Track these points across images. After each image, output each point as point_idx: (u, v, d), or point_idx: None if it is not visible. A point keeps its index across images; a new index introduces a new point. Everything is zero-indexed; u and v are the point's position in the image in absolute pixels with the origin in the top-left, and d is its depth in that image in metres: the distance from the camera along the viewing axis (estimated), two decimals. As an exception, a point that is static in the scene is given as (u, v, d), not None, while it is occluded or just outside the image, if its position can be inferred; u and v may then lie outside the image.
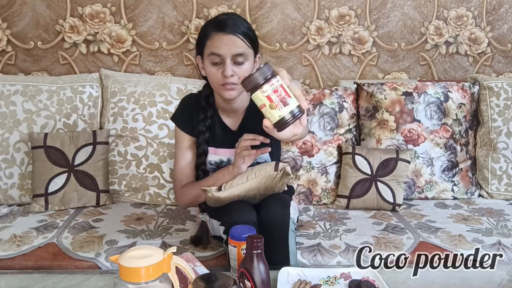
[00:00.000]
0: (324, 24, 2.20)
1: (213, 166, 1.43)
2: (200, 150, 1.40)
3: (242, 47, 1.26)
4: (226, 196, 1.31)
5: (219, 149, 1.41)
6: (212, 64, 1.27)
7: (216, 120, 1.41)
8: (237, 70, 1.26)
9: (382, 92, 1.97)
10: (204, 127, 1.38)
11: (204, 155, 1.40)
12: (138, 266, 0.78)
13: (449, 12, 2.25)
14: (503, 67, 2.34)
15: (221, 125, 1.42)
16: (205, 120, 1.38)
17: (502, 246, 1.52)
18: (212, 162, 1.42)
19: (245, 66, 1.27)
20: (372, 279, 1.09)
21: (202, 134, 1.39)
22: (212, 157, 1.42)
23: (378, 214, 1.78)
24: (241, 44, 1.25)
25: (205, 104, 1.39)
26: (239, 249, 1.08)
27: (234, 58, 1.25)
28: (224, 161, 1.42)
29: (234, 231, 1.11)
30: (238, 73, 1.25)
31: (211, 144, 1.41)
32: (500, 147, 1.99)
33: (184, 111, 1.44)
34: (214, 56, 1.25)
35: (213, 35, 1.26)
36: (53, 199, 1.73)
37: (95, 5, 2.10)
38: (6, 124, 1.83)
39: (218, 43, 1.24)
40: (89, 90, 1.94)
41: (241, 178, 1.31)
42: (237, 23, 1.26)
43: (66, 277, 1.13)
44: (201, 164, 1.41)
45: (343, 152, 1.90)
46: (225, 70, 1.24)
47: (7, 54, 2.12)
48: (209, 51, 1.26)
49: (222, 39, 1.24)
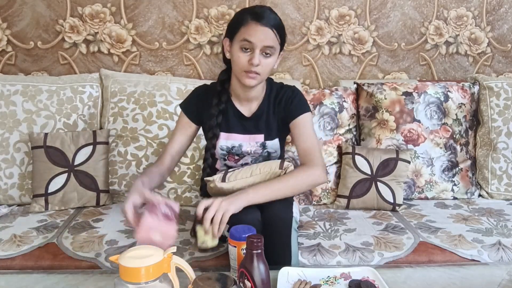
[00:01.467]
0: (324, 24, 2.20)
1: (224, 151, 1.44)
2: (211, 134, 1.42)
3: (273, 41, 1.30)
4: (229, 188, 1.33)
5: (232, 134, 1.43)
6: (242, 50, 1.30)
7: (230, 106, 1.43)
8: (263, 61, 1.30)
9: (382, 92, 1.97)
10: (217, 111, 1.41)
11: (215, 138, 1.42)
12: (138, 266, 0.78)
13: (449, 12, 2.25)
14: (503, 67, 2.34)
15: (234, 111, 1.44)
16: (219, 104, 1.41)
17: (502, 246, 1.52)
18: (224, 147, 1.43)
19: (270, 59, 1.32)
20: (372, 279, 1.09)
21: (214, 117, 1.40)
22: (224, 142, 1.43)
23: (378, 214, 1.78)
24: (273, 38, 1.30)
25: (220, 88, 1.42)
26: (239, 249, 1.08)
27: (264, 49, 1.29)
28: (236, 146, 1.43)
29: (234, 231, 1.11)
30: (263, 64, 1.30)
31: (224, 130, 1.43)
32: (500, 147, 1.99)
33: (193, 98, 1.47)
34: (246, 42, 1.29)
35: (249, 22, 1.29)
36: (53, 199, 1.73)
37: (95, 5, 2.10)
38: (6, 124, 1.83)
39: (253, 31, 1.28)
40: (89, 90, 1.94)
41: (246, 172, 1.34)
42: (272, 17, 1.31)
43: (66, 277, 1.13)
44: (210, 148, 1.43)
45: (343, 152, 1.90)
46: (253, 58, 1.28)
47: (7, 54, 2.12)
48: (242, 37, 1.29)
49: (258, 29, 1.28)
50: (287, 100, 1.42)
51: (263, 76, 1.33)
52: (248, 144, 1.43)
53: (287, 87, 1.46)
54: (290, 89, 1.45)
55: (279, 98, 1.43)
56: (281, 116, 1.43)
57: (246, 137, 1.43)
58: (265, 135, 1.43)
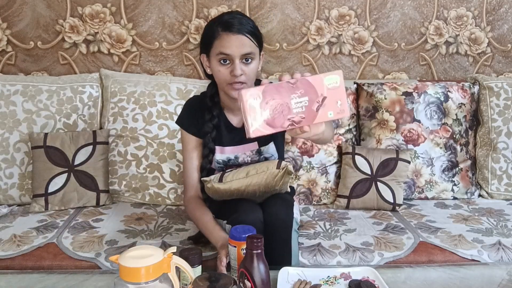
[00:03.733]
0: (324, 24, 2.20)
1: (221, 165, 1.43)
2: (207, 150, 1.40)
3: (250, 47, 1.27)
4: (226, 189, 1.32)
5: (226, 147, 1.42)
6: (220, 64, 1.28)
7: (222, 119, 1.42)
8: (246, 69, 1.27)
9: (382, 92, 1.97)
10: (211, 126, 1.39)
11: (211, 154, 1.40)
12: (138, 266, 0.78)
13: (449, 12, 2.25)
14: (503, 67, 2.34)
15: (226, 123, 1.42)
16: (211, 119, 1.39)
17: (502, 246, 1.52)
18: (220, 161, 1.43)
19: (252, 65, 1.29)
20: (372, 279, 1.09)
21: (208, 133, 1.39)
22: (219, 156, 1.42)
23: (378, 214, 1.78)
24: (249, 44, 1.27)
25: (210, 104, 1.40)
26: (239, 249, 1.08)
27: (243, 57, 1.26)
28: (232, 159, 1.43)
29: (234, 231, 1.11)
30: (246, 72, 1.27)
31: (218, 143, 1.41)
32: (500, 147, 1.99)
33: (188, 113, 1.44)
34: (222, 55, 1.26)
35: (221, 34, 1.26)
36: (53, 199, 1.73)
37: (95, 5, 2.10)
38: (6, 124, 1.83)
39: (227, 43, 1.25)
40: (89, 90, 1.94)
41: (242, 172, 1.32)
42: (243, 22, 1.28)
43: (66, 277, 1.13)
44: (206, 164, 1.41)
45: (343, 152, 1.90)
46: (235, 69, 1.25)
47: (7, 54, 2.11)
48: (218, 51, 1.26)
49: (231, 39, 1.25)
50: None
51: (249, 83, 1.30)
52: (243, 154, 1.42)
53: None
54: None
55: None
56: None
57: (239, 148, 1.41)
58: (258, 142, 1.41)
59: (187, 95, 1.90)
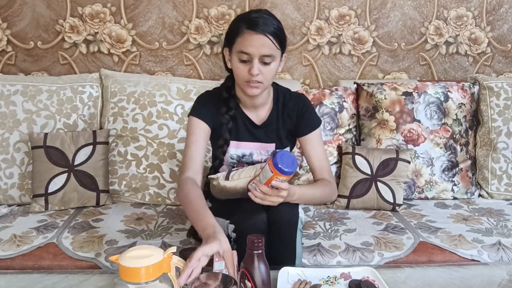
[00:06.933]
0: (324, 24, 2.20)
1: (234, 160, 1.42)
2: (221, 141, 1.38)
3: (271, 48, 1.26)
4: (232, 187, 1.32)
5: (242, 142, 1.41)
6: (240, 61, 1.28)
7: (238, 113, 1.40)
8: (263, 69, 1.27)
9: (382, 92, 1.97)
10: (227, 118, 1.37)
11: (226, 145, 1.39)
12: (138, 266, 0.78)
13: (449, 12, 2.25)
14: (503, 67, 2.34)
15: (244, 118, 1.41)
16: (228, 110, 1.37)
17: (502, 246, 1.52)
18: (234, 156, 1.41)
19: (271, 66, 1.28)
20: (372, 279, 1.09)
21: (224, 124, 1.37)
22: (234, 150, 1.41)
23: (378, 214, 1.78)
24: (270, 45, 1.26)
25: (226, 95, 1.39)
26: (273, 177, 1.14)
27: (262, 58, 1.26)
28: (246, 155, 1.41)
29: (279, 158, 1.13)
30: (264, 72, 1.27)
31: (233, 138, 1.40)
32: (500, 147, 1.99)
33: (202, 104, 1.40)
34: (242, 54, 1.26)
35: (244, 32, 1.26)
36: (53, 199, 1.73)
37: (95, 5, 2.10)
38: (6, 124, 1.83)
39: (248, 42, 1.25)
40: (89, 90, 1.94)
41: (249, 171, 1.32)
42: (268, 23, 1.26)
43: (66, 277, 1.13)
44: (220, 154, 1.40)
45: (343, 152, 1.90)
46: (252, 68, 1.25)
47: (7, 54, 2.12)
48: (239, 49, 1.26)
49: (252, 38, 1.24)
50: (299, 113, 1.40)
51: (266, 84, 1.30)
52: (259, 152, 1.41)
53: (296, 96, 1.44)
54: (301, 99, 1.42)
55: (289, 108, 1.41)
56: (290, 128, 1.42)
57: (257, 145, 1.40)
58: (276, 144, 1.41)
59: (187, 95, 1.90)
